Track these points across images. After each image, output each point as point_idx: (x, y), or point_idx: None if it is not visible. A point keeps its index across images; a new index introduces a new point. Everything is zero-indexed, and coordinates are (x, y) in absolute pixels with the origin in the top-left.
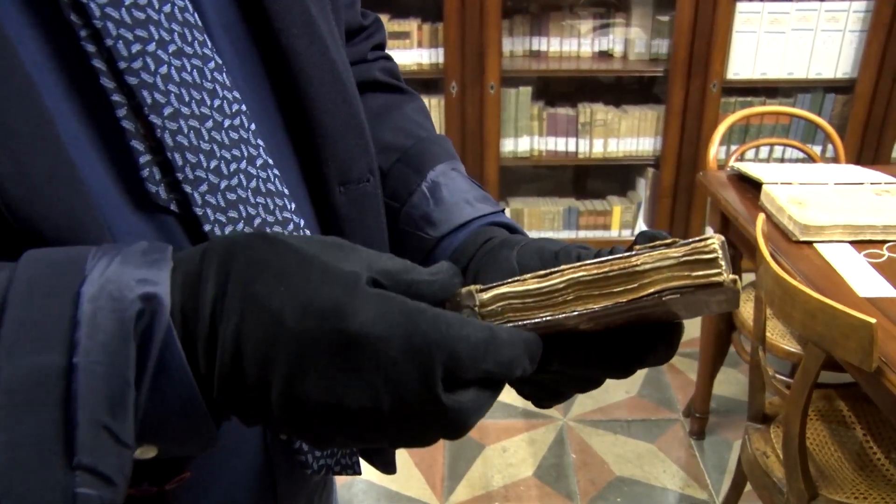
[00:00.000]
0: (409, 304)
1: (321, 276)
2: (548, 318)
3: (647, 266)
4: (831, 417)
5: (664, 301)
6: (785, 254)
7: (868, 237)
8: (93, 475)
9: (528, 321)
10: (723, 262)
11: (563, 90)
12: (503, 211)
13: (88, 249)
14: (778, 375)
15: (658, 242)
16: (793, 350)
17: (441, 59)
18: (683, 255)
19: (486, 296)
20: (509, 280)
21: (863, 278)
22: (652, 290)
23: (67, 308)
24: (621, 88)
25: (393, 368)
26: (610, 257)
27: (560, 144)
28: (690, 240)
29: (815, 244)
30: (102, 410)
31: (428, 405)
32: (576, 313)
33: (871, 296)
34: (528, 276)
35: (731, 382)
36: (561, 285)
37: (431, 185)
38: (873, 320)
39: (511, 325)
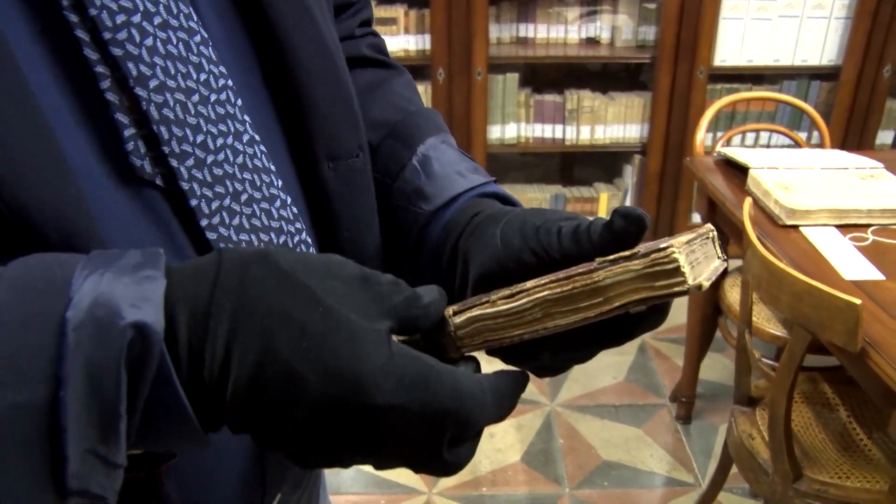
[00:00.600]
0: (424, 368)
1: (345, 339)
2: (522, 334)
3: (610, 281)
4: (816, 400)
5: (631, 311)
6: (772, 237)
7: (853, 221)
8: (84, 497)
9: (506, 338)
10: (685, 270)
11: (550, 77)
12: (495, 181)
13: (77, 262)
14: (763, 359)
15: (619, 255)
16: (778, 334)
17: (428, 46)
18: (644, 268)
19: (458, 320)
20: (479, 302)
21: (848, 262)
22: (618, 304)
23: (52, 338)
24: (608, 75)
25: (406, 431)
26: (572, 274)
27: (547, 131)
28: (651, 250)
29: (801, 228)
30: (93, 440)
31: (430, 460)
32: (547, 329)
33: (856, 279)
34: (496, 296)
35: (717, 367)
36: (528, 305)
37: (422, 159)
38: (859, 302)
39: (489, 344)
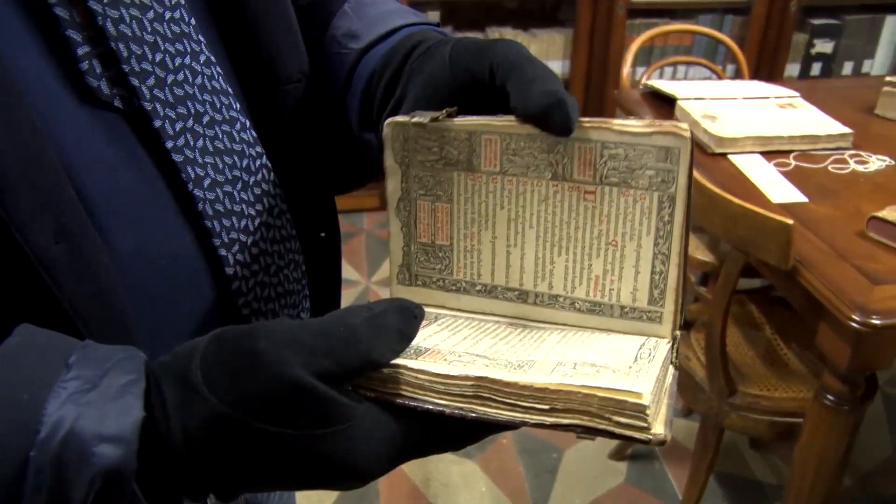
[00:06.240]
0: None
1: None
2: (441, 406)
3: (564, 404)
4: (744, 320)
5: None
6: (702, 166)
7: (776, 147)
8: None
9: (420, 403)
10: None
11: (470, 15)
12: (438, 25)
13: (52, 379)
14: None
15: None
16: (706, 259)
17: None
18: (602, 405)
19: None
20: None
21: (774, 186)
22: (566, 423)
23: (12, 473)
24: (527, 12)
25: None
26: (526, 379)
27: None
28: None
29: (729, 156)
30: None
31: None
32: (473, 415)
33: (782, 201)
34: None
35: None
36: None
37: (354, 4)
38: (791, 222)
39: (400, 402)
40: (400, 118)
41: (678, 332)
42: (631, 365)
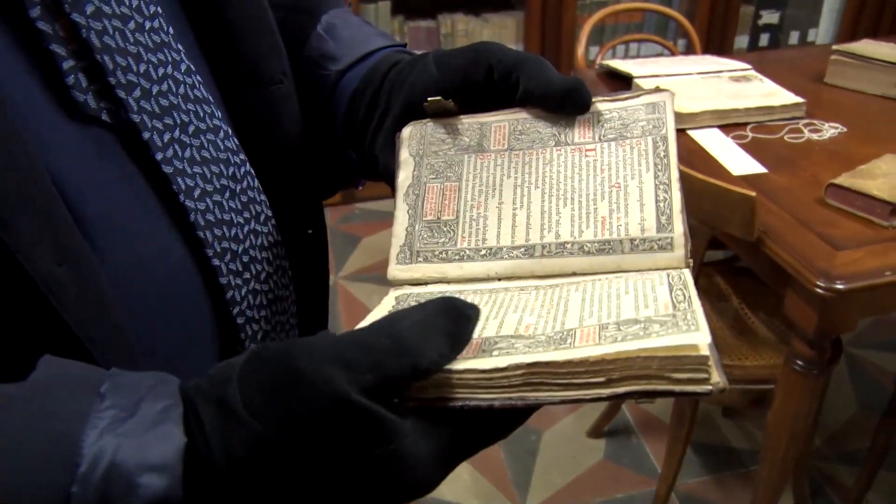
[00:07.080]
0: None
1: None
2: (490, 400)
3: (621, 372)
4: (711, 292)
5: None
6: None
7: (733, 120)
8: None
9: (466, 401)
10: (712, 363)
11: (420, 3)
12: (405, 45)
13: (87, 412)
14: None
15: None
16: None
17: None
18: (661, 365)
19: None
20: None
21: (734, 159)
22: (623, 392)
23: None
24: None
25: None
26: (579, 354)
27: None
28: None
29: (688, 131)
30: None
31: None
32: (523, 402)
33: (743, 173)
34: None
35: None
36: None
37: (327, 27)
38: (753, 194)
39: (447, 404)
40: (420, 121)
41: (691, 260)
42: (674, 313)
